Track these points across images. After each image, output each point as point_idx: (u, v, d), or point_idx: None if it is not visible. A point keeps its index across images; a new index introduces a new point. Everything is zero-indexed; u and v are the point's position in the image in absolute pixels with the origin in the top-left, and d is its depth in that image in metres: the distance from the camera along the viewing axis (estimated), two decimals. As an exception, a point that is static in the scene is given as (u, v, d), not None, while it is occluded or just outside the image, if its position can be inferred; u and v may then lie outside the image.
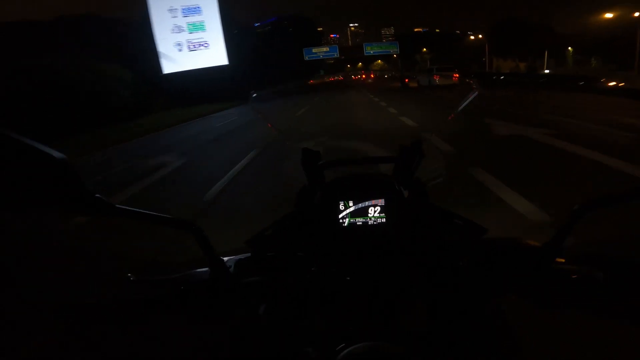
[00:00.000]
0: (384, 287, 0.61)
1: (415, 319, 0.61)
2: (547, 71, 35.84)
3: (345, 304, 0.60)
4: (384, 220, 0.80)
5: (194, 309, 0.59)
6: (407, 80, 30.70)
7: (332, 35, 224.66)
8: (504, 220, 3.09)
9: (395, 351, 0.48)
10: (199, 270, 0.65)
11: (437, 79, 24.62)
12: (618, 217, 2.47)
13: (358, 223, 0.80)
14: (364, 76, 66.37)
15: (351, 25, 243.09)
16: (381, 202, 0.80)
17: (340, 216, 0.80)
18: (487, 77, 28.39)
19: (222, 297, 0.60)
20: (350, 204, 0.80)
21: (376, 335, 0.54)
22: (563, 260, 0.57)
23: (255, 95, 1.01)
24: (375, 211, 0.80)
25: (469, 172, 4.27)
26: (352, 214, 0.80)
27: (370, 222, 0.80)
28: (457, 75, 24.46)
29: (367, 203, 0.80)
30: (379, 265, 0.69)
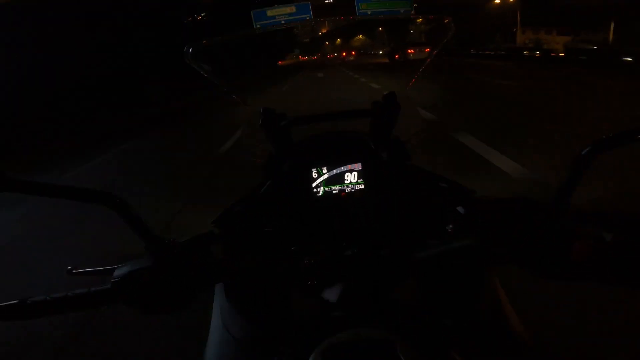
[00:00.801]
0: (367, 262, 0.54)
1: (404, 292, 0.55)
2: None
3: (326, 286, 0.52)
4: (362, 186, 0.72)
5: (135, 299, 0.51)
6: (397, 56, 28.16)
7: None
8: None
9: (378, 336, 0.43)
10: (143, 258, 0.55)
11: (411, 52, 25.19)
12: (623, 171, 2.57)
13: (334, 192, 0.73)
14: (343, 54, 57.52)
15: (326, 1, 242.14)
16: (358, 166, 0.72)
17: (313, 185, 0.72)
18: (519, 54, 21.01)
19: (165, 284, 0.50)
20: (324, 170, 0.72)
21: (361, 317, 0.48)
22: (570, 221, 0.48)
23: (191, 50, 0.83)
24: (352, 177, 0.72)
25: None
26: (327, 182, 0.72)
27: (347, 190, 0.72)
28: (429, 49, 25.57)
29: (342, 168, 0.72)
30: (360, 238, 0.62)
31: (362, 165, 0.72)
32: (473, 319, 0.56)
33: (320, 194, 0.72)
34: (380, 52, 52.74)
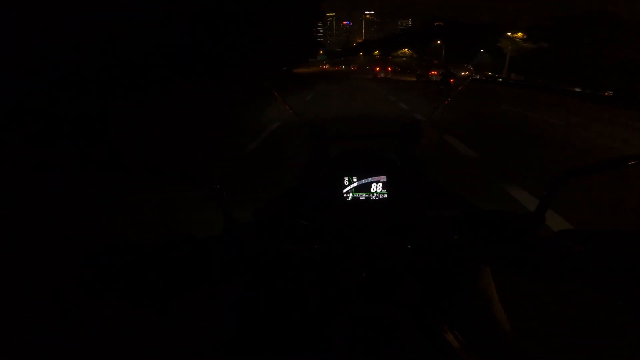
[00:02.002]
0: (382, 260, 0.61)
1: (408, 291, 0.60)
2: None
3: (342, 278, 0.59)
4: (385, 196, 0.83)
5: (204, 276, 0.55)
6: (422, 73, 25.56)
7: (344, 23, 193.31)
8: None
9: (388, 313, 0.49)
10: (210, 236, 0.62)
11: (433, 74, 27.27)
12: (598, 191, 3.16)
13: (361, 198, 0.84)
14: (377, 68, 39.44)
15: (367, 12, 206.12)
16: (384, 178, 0.83)
17: (344, 191, 0.83)
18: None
19: (232, 263, 0.56)
20: (355, 179, 0.83)
21: (369, 305, 0.54)
22: (546, 234, 0.57)
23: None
24: (377, 187, 0.83)
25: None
26: (356, 189, 0.84)
27: (372, 198, 0.84)
28: (435, 72, 27.38)
29: (370, 179, 0.83)
30: (379, 238, 0.68)
31: (387, 178, 0.83)
32: (464, 317, 0.60)
33: (349, 199, 0.83)
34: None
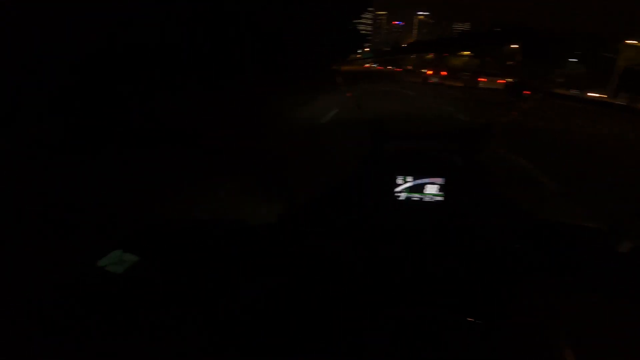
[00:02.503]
0: (433, 266, 0.58)
1: (454, 296, 0.56)
2: None
3: (388, 279, 0.57)
4: (441, 198, 0.79)
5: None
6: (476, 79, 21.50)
7: (395, 22, 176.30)
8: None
9: (451, 317, 0.46)
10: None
11: (481, 81, 25.63)
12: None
13: (414, 199, 0.80)
14: (429, 72, 31.16)
15: (420, 13, 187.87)
16: (440, 180, 0.79)
17: (397, 190, 0.80)
18: None
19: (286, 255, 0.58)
20: (409, 179, 0.79)
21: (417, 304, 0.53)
22: (621, 249, 0.53)
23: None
24: (433, 189, 0.79)
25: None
26: (410, 189, 0.80)
27: (426, 199, 0.79)
28: (485, 79, 25.47)
29: (425, 180, 0.79)
30: (432, 244, 0.64)
31: (444, 180, 0.78)
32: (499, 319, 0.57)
33: (401, 199, 0.80)
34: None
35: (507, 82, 24.61)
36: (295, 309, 0.58)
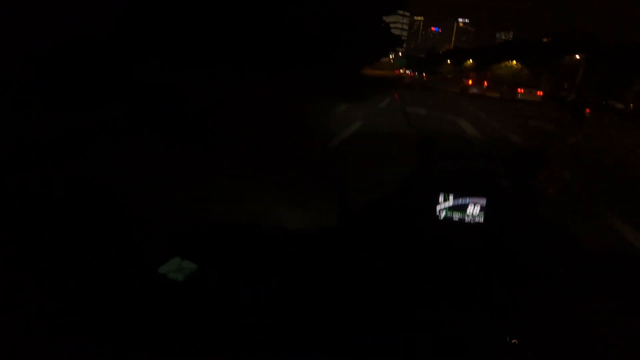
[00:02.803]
0: (469, 293, 0.56)
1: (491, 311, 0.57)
2: None
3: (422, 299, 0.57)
4: (481, 220, 0.75)
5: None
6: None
7: (432, 28, 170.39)
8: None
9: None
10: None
11: (520, 92, 24.45)
12: None
13: (454, 219, 0.76)
14: (469, 82, 29.60)
15: (460, 20, 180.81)
16: (483, 201, 0.75)
17: (438, 208, 0.76)
18: None
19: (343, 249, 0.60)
20: (451, 197, 0.76)
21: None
22: None
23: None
24: (474, 209, 0.75)
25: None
26: (451, 208, 0.76)
27: (467, 220, 0.76)
28: (522, 90, 24.61)
29: (467, 200, 0.75)
30: (470, 269, 0.62)
31: (487, 201, 0.74)
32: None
33: (441, 218, 0.76)
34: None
35: (561, 96, 21.93)
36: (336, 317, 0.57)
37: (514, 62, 42.09)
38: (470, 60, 59.88)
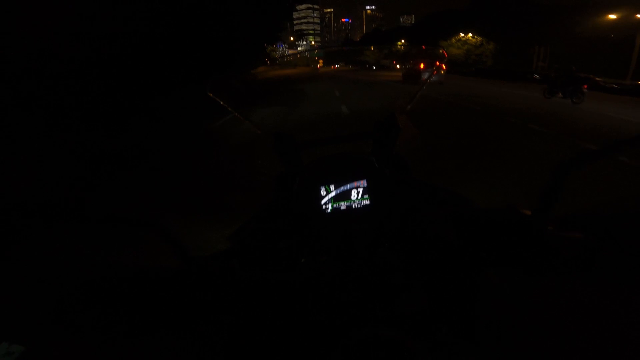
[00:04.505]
0: (376, 271, 0.58)
1: (412, 299, 0.57)
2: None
3: (339, 293, 0.55)
4: (368, 202, 0.76)
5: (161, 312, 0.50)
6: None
7: (343, 20, 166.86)
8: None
9: (396, 338, 0.44)
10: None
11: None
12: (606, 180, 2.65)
13: (342, 208, 0.76)
14: (421, 65, 15.09)
15: (368, 7, 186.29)
16: (363, 183, 0.76)
17: (322, 202, 0.75)
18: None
19: (199, 298, 0.51)
20: (332, 188, 0.75)
21: (374, 321, 0.51)
22: (551, 228, 0.53)
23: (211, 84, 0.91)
24: (358, 193, 0.76)
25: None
26: (335, 199, 0.75)
27: (354, 206, 0.76)
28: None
29: (349, 185, 0.75)
30: (368, 250, 0.64)
31: (367, 182, 0.76)
32: (467, 323, 0.56)
33: (329, 210, 0.75)
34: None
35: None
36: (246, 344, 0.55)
37: (470, 35, 35.07)
38: (402, 40, 53.32)
